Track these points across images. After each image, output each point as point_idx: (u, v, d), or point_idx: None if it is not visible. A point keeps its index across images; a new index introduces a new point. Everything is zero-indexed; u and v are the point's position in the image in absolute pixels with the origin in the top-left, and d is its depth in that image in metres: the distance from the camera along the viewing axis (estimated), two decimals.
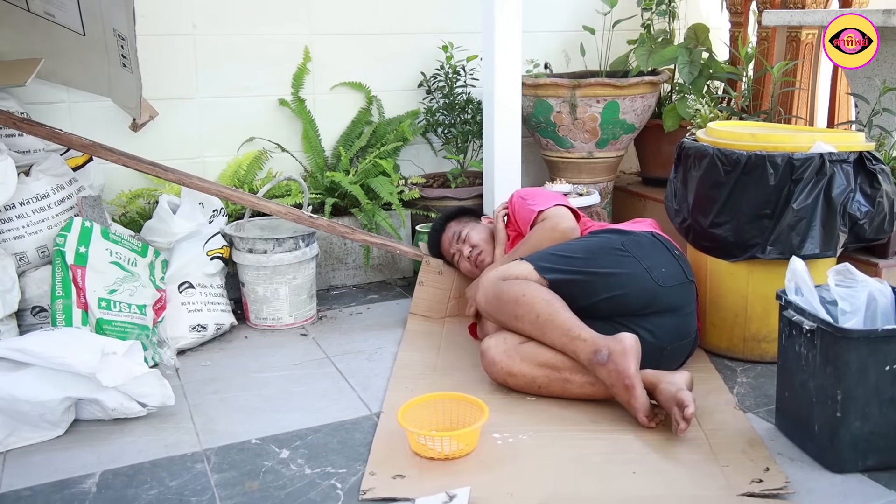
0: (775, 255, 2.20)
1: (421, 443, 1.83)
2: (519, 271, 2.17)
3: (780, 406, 1.97)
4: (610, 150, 3.31)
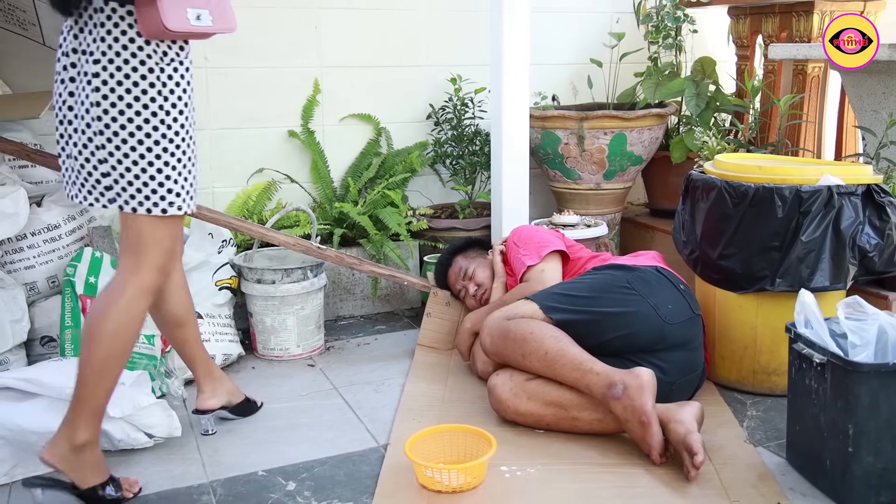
0: (784, 288, 2.19)
1: (428, 475, 1.82)
2: (524, 310, 2.16)
3: (790, 440, 1.95)
4: (617, 181, 3.33)
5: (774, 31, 3.16)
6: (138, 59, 1.66)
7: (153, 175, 1.70)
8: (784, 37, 3.13)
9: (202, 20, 1.70)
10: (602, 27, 3.58)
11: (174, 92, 1.71)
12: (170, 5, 1.63)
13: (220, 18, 1.74)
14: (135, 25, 1.65)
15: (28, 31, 2.43)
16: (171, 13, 1.63)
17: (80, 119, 1.70)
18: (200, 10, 1.69)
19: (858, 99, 2.69)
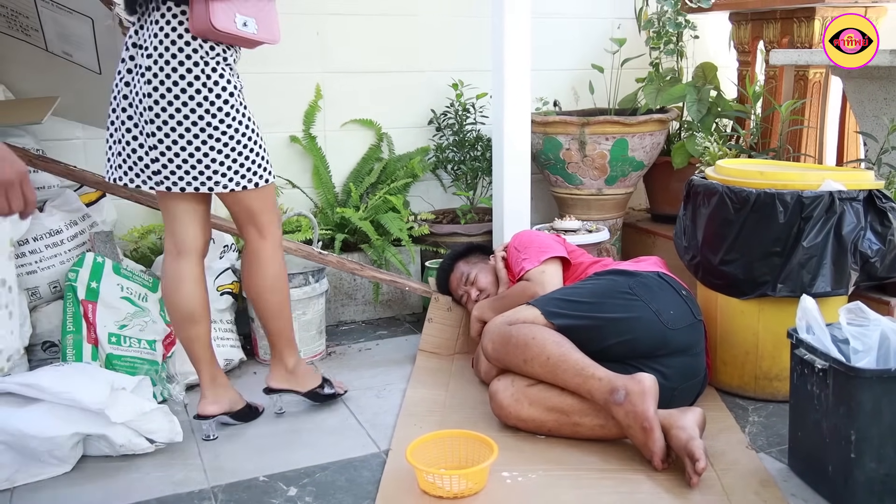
0: (786, 293, 2.19)
1: (430, 481, 1.81)
2: (526, 316, 2.16)
3: (792, 446, 1.94)
4: (619, 186, 3.33)
5: (776, 36, 3.16)
6: (184, 54, 1.84)
7: (200, 159, 1.90)
8: (785, 42, 3.13)
9: (248, 27, 1.89)
10: (603, 33, 3.58)
11: (218, 83, 1.88)
12: (220, 7, 1.82)
13: (265, 28, 1.93)
14: (185, 23, 1.83)
15: (31, 37, 2.44)
16: (220, 14, 1.82)
17: (134, 108, 1.90)
18: (248, 18, 1.88)
19: (860, 104, 2.69)
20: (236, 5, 1.87)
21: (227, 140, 1.92)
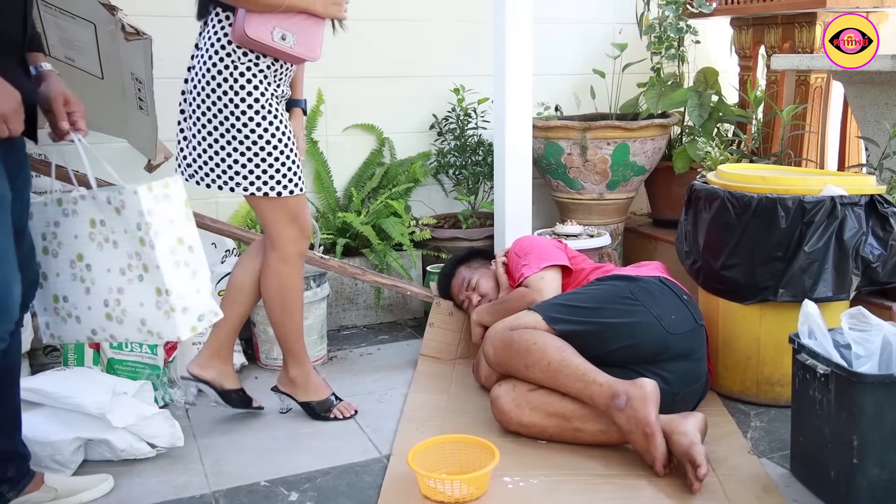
0: (787, 298, 2.19)
1: (431, 486, 1.81)
2: (527, 321, 2.16)
3: (794, 451, 1.94)
4: (620, 191, 3.33)
5: (777, 41, 3.17)
6: (218, 56, 1.97)
7: (223, 158, 2.03)
8: (787, 47, 3.14)
9: (286, 41, 1.97)
10: (605, 38, 3.59)
11: (245, 88, 1.98)
12: (258, 17, 1.92)
13: (303, 44, 2.00)
14: (227, 29, 1.97)
15: None
16: (255, 25, 1.92)
17: (187, 104, 2.06)
18: (287, 33, 1.96)
19: (861, 109, 2.69)
20: (277, 19, 1.95)
21: (249, 144, 2.01)
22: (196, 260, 1.70)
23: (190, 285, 1.68)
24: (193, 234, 1.71)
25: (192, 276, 1.69)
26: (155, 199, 1.65)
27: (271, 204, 2.08)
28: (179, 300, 1.67)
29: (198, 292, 1.70)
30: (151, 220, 1.63)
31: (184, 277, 1.67)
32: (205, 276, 1.72)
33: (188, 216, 1.71)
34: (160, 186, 1.67)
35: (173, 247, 1.66)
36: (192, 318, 1.69)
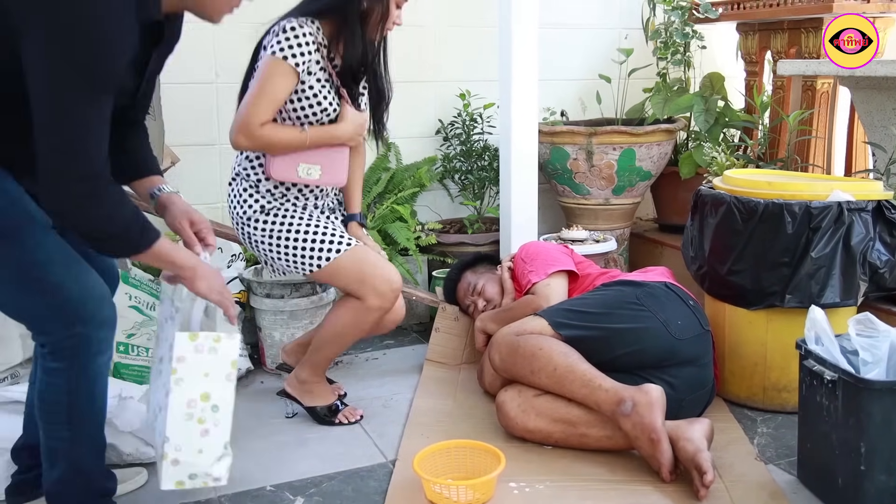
0: (794, 304, 2.18)
1: (436, 491, 1.81)
2: (533, 326, 2.16)
3: (801, 458, 1.93)
4: (626, 196, 3.32)
5: (783, 47, 3.16)
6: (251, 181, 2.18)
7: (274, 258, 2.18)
8: (793, 53, 3.13)
9: (311, 174, 2.10)
10: (611, 43, 3.59)
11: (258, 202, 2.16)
12: (281, 159, 2.07)
13: (329, 172, 2.13)
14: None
15: None
16: (280, 165, 2.08)
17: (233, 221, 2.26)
18: (311, 166, 2.10)
19: (868, 115, 2.68)
20: (303, 156, 2.08)
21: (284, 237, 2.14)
22: (215, 421, 1.63)
23: (194, 442, 1.62)
24: (226, 397, 1.63)
25: (200, 435, 1.62)
26: (195, 349, 1.61)
27: (328, 274, 2.13)
28: (174, 451, 1.62)
29: (200, 452, 1.63)
30: (178, 367, 1.60)
31: (190, 432, 1.61)
32: (218, 440, 1.64)
33: (229, 376, 1.63)
34: (209, 338, 1.61)
35: (192, 400, 1.61)
36: (181, 474, 1.63)
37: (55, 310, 1.51)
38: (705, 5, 3.29)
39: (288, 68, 2.02)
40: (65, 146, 1.35)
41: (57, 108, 1.33)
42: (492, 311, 2.58)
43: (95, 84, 1.35)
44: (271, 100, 2.03)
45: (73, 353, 1.52)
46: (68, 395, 1.55)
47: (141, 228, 1.50)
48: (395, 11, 2.12)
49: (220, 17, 1.60)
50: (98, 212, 1.41)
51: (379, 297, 2.12)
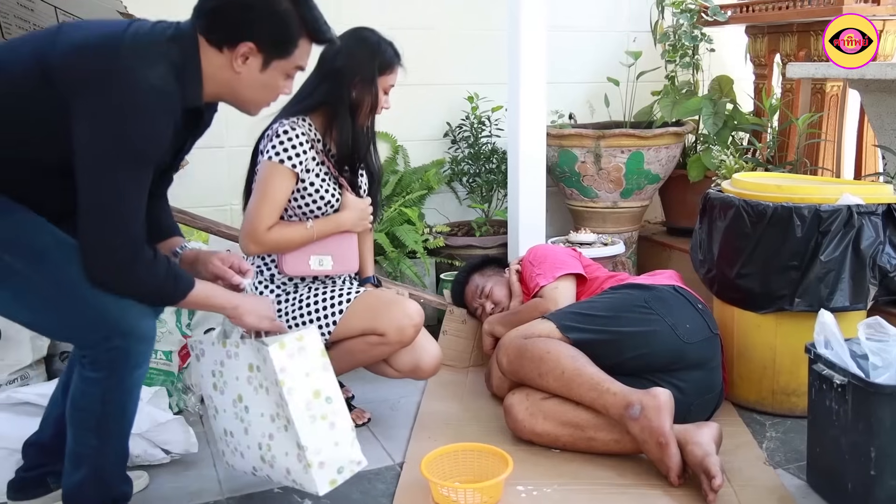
0: (803, 308, 2.17)
1: (444, 494, 1.81)
2: (541, 329, 2.16)
3: (811, 462, 1.92)
4: (635, 199, 3.32)
5: (793, 49, 3.15)
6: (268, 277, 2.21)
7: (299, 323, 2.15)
8: (802, 55, 3.12)
9: (324, 265, 2.13)
10: (619, 46, 3.59)
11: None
12: (292, 254, 2.11)
13: (340, 262, 2.16)
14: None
15: None
16: (293, 260, 2.11)
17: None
18: (323, 257, 2.13)
19: (878, 118, 2.67)
20: (313, 248, 2.12)
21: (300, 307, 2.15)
22: (334, 411, 1.67)
23: (328, 438, 1.66)
24: (331, 384, 1.68)
25: (329, 428, 1.66)
26: (289, 355, 1.64)
27: (345, 328, 2.10)
28: (316, 455, 1.65)
29: (336, 445, 1.67)
30: (284, 377, 1.62)
31: (321, 431, 1.65)
32: (344, 425, 1.69)
33: (325, 366, 1.68)
34: (293, 340, 1.65)
35: (309, 401, 1.64)
36: (331, 472, 1.67)
37: (95, 324, 1.52)
38: (714, 8, 3.28)
39: (286, 171, 2.06)
40: (107, 218, 1.44)
41: (102, 182, 1.43)
42: (499, 314, 2.58)
43: (138, 161, 1.45)
44: (273, 204, 2.07)
45: (112, 366, 1.53)
46: (102, 405, 1.56)
47: (174, 282, 1.56)
48: (383, 97, 2.18)
49: (258, 110, 1.69)
50: (134, 277, 1.50)
51: (398, 332, 2.07)
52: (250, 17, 1.52)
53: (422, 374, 2.19)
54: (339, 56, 2.12)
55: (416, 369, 2.17)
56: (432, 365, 2.18)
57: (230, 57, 1.54)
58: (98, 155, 1.42)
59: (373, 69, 2.12)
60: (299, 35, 1.58)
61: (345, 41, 2.13)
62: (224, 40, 1.53)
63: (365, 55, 2.13)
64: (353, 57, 2.12)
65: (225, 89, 1.60)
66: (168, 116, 1.48)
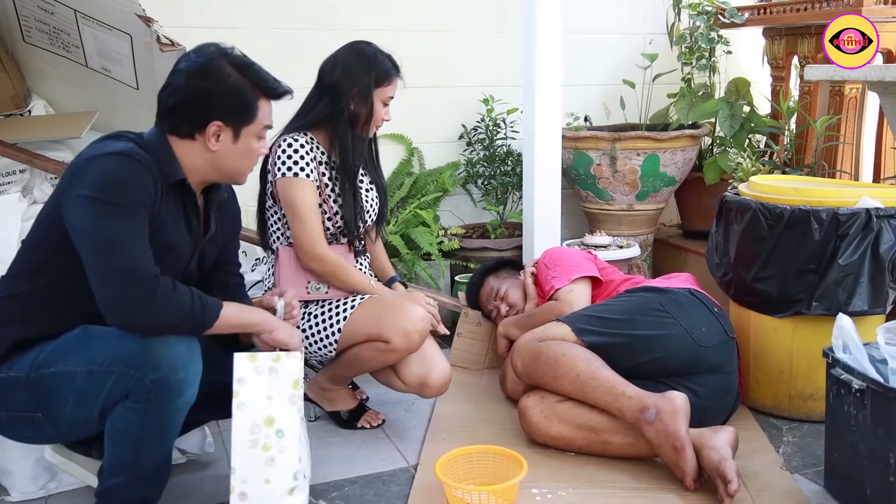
0: (821, 312, 2.15)
1: (458, 496, 1.81)
2: (556, 332, 2.15)
3: (828, 467, 1.91)
4: (650, 202, 3.31)
5: (811, 51, 3.13)
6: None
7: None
8: (820, 58, 3.09)
9: (320, 290, 2.16)
10: (635, 48, 3.57)
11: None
12: (287, 279, 2.14)
13: (336, 288, 2.16)
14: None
15: (71, 53, 2.49)
16: (287, 284, 2.09)
17: None
18: (320, 283, 2.16)
19: None
20: (308, 274, 2.15)
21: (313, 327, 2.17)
22: (281, 447, 1.56)
23: (260, 472, 1.56)
24: (290, 419, 1.58)
25: (266, 463, 1.56)
26: (255, 370, 1.59)
27: (349, 335, 2.11)
28: (240, 483, 1.56)
29: (267, 483, 1.55)
30: (240, 388, 1.57)
31: (256, 461, 1.56)
32: (287, 467, 1.56)
33: (292, 398, 1.59)
34: (268, 358, 1.60)
35: (257, 425, 1.57)
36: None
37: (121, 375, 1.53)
38: (731, 10, 3.27)
39: (302, 181, 2.11)
40: (112, 259, 1.50)
41: (97, 229, 1.51)
42: (514, 316, 2.57)
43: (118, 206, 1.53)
44: (310, 215, 2.11)
45: (149, 398, 1.54)
46: (140, 430, 1.56)
47: (202, 304, 1.59)
48: (382, 109, 2.21)
49: (245, 178, 1.79)
50: (157, 306, 1.52)
51: (403, 337, 2.05)
52: (208, 101, 1.65)
53: (429, 392, 2.16)
54: (336, 70, 2.17)
55: (424, 385, 2.15)
56: (440, 382, 2.15)
57: (203, 140, 1.66)
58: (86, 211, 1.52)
59: (369, 81, 2.16)
60: (256, 98, 1.70)
61: (342, 55, 2.19)
62: (193, 128, 1.66)
63: (361, 68, 2.17)
64: (350, 70, 2.16)
65: (209, 169, 1.70)
66: (140, 167, 1.56)
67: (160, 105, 1.68)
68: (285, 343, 1.69)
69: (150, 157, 1.61)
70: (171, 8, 2.78)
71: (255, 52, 2.84)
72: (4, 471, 1.93)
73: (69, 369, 1.56)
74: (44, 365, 1.58)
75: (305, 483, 1.65)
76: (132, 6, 2.14)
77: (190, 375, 1.57)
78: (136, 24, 2.21)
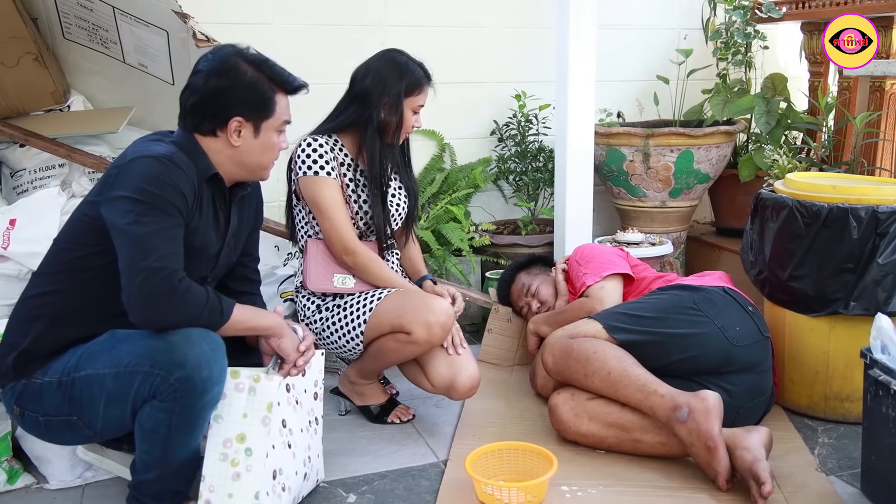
0: (859, 311, 2.12)
1: (488, 492, 1.81)
2: (588, 330, 2.14)
3: (865, 470, 1.88)
4: (683, 199, 3.27)
5: None
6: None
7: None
8: None
9: (346, 283, 2.17)
10: (669, 43, 3.54)
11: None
12: (315, 272, 2.17)
13: (362, 281, 2.18)
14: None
15: (109, 50, 2.53)
16: (315, 276, 2.17)
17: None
18: (346, 276, 2.18)
19: None
20: (337, 267, 2.18)
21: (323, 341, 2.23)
22: (248, 466, 1.62)
23: (225, 485, 1.62)
24: (260, 440, 1.63)
25: (232, 478, 1.62)
26: (236, 387, 1.64)
27: (374, 327, 2.11)
28: (207, 491, 1.62)
29: (230, 497, 1.61)
30: (220, 402, 1.63)
31: (223, 473, 1.62)
32: (249, 487, 1.61)
33: (265, 420, 1.63)
34: (249, 378, 1.65)
35: (228, 440, 1.63)
36: None
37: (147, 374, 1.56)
38: (768, 4, 3.22)
39: (324, 179, 2.15)
40: (140, 256, 1.54)
41: (133, 228, 1.55)
42: (545, 313, 2.56)
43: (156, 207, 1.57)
44: (337, 211, 2.14)
45: (175, 397, 1.56)
46: (168, 428, 1.59)
47: (218, 302, 1.63)
48: (412, 118, 2.23)
49: (268, 173, 1.83)
50: (175, 301, 1.55)
51: (424, 329, 2.04)
52: (228, 98, 1.70)
53: (456, 395, 2.15)
54: (368, 77, 2.19)
55: (452, 388, 2.14)
56: (468, 385, 2.13)
57: (225, 137, 1.72)
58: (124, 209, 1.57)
59: (400, 90, 2.17)
60: (273, 92, 1.75)
61: (374, 62, 2.22)
62: (215, 126, 1.71)
63: (393, 76, 2.18)
64: (382, 78, 2.18)
65: (233, 165, 1.75)
66: (180, 172, 1.61)
67: (182, 105, 1.73)
68: (286, 355, 1.73)
69: (187, 157, 1.66)
70: (206, 4, 2.81)
71: (286, 47, 2.89)
72: (43, 459, 1.98)
73: (98, 371, 1.60)
74: (74, 369, 1.62)
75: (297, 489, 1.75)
76: (169, 2, 2.17)
77: (215, 373, 1.59)
78: (172, 20, 2.24)
